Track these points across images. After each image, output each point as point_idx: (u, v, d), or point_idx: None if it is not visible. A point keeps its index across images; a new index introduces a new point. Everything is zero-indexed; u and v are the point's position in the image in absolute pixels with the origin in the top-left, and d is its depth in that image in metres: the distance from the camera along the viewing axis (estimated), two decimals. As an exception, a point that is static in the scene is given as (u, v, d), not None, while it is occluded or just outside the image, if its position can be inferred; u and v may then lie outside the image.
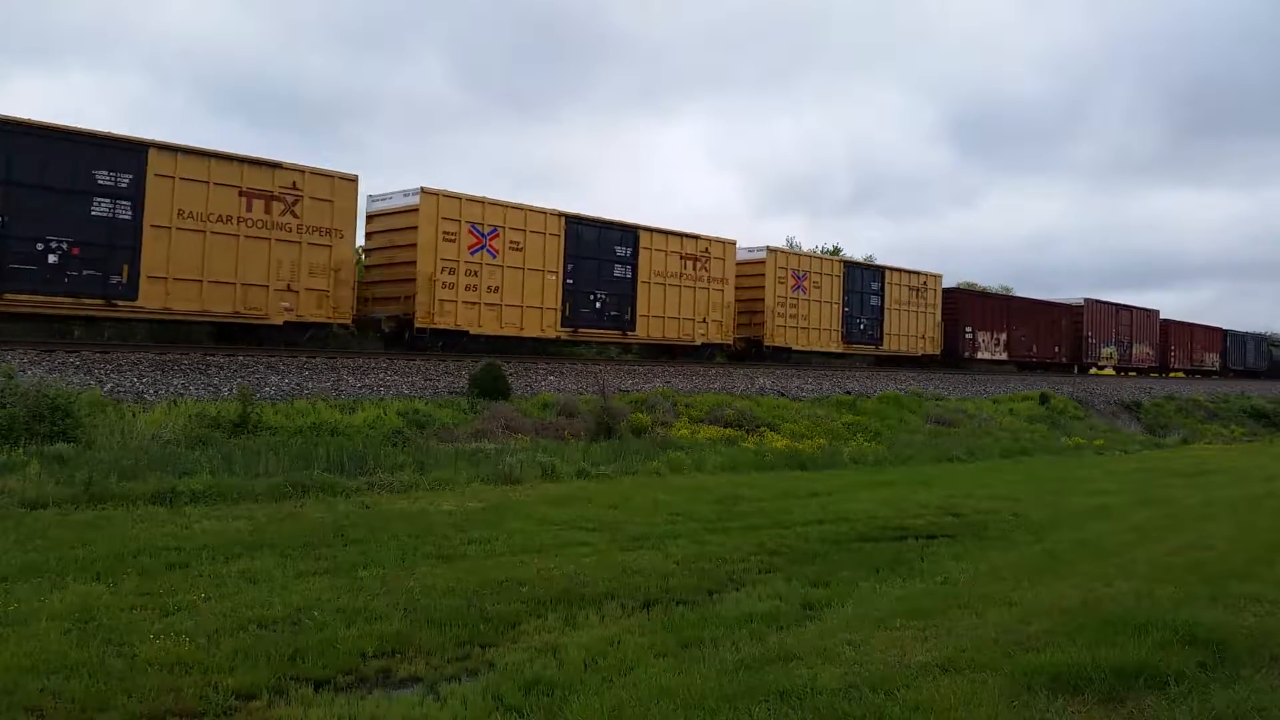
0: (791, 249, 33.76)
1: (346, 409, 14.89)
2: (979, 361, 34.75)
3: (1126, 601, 6.55)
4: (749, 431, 18.68)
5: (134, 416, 12.91)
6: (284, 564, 7.19)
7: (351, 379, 17.01)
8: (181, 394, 14.45)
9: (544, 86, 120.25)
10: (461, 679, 5.01)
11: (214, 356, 16.28)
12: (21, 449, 10.80)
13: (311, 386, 16.16)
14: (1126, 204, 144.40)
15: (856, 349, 29.82)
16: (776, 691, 4.64)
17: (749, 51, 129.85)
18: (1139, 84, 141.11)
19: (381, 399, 16.22)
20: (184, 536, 8.00)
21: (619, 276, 22.93)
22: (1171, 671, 4.97)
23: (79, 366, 14.41)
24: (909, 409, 24.24)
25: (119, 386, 14.22)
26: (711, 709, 4.42)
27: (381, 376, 17.53)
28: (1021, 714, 4.47)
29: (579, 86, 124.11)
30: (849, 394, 24.80)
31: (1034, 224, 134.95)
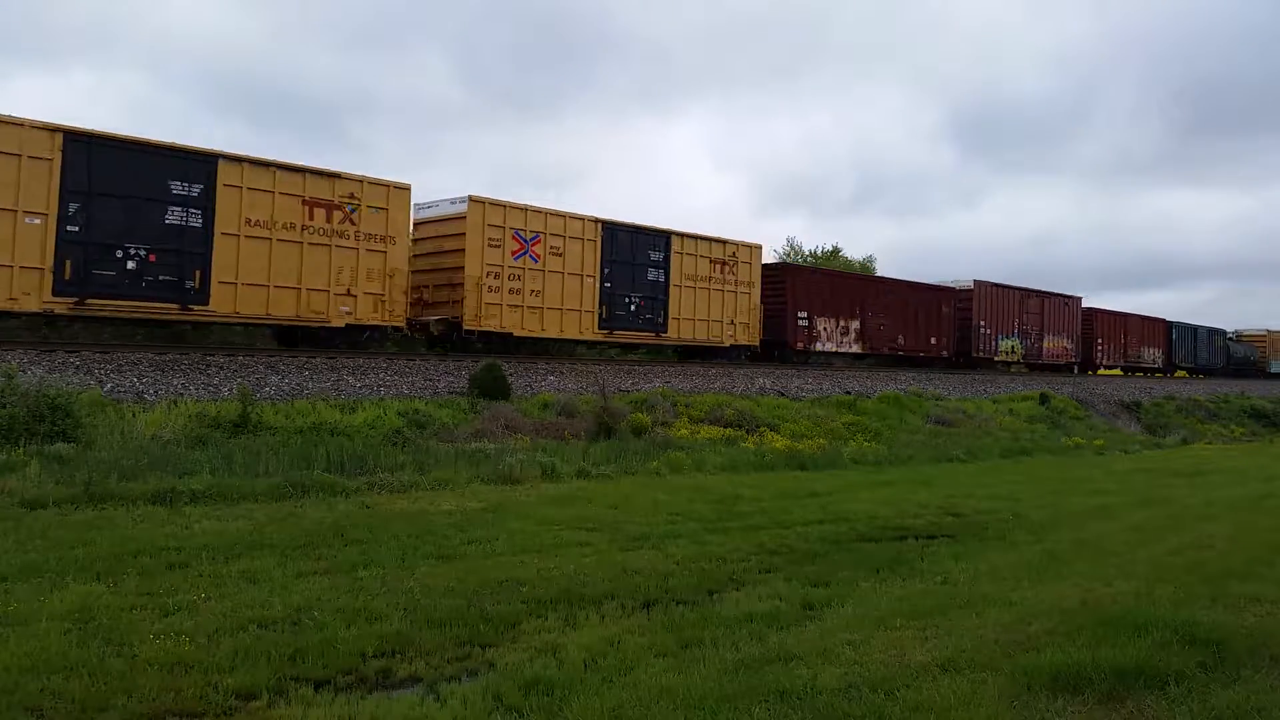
0: (517, 205, 20.94)
1: (346, 409, 14.89)
2: (817, 354, 28.84)
3: (1126, 601, 6.55)
4: (749, 431, 18.69)
5: (134, 416, 12.92)
6: (284, 564, 7.20)
7: (351, 379, 17.02)
8: (181, 394, 14.46)
9: (545, 85, 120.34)
10: (461, 679, 5.02)
11: (214, 356, 16.30)
12: (22, 449, 10.80)
13: (311, 386, 16.16)
14: (1129, 204, 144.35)
15: (623, 336, 23.26)
16: (776, 691, 4.64)
17: (751, 50, 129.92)
18: (1142, 83, 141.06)
19: (381, 399, 16.22)
20: (184, 536, 8.00)
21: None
22: (1171, 671, 4.97)
23: (79, 366, 14.41)
24: (909, 409, 24.27)
25: (119, 386, 14.23)
26: (711, 709, 4.42)
27: (381, 376, 17.53)
28: (1021, 714, 4.47)
29: (581, 85, 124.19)
30: (849, 394, 24.83)
31: (1036, 224, 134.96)
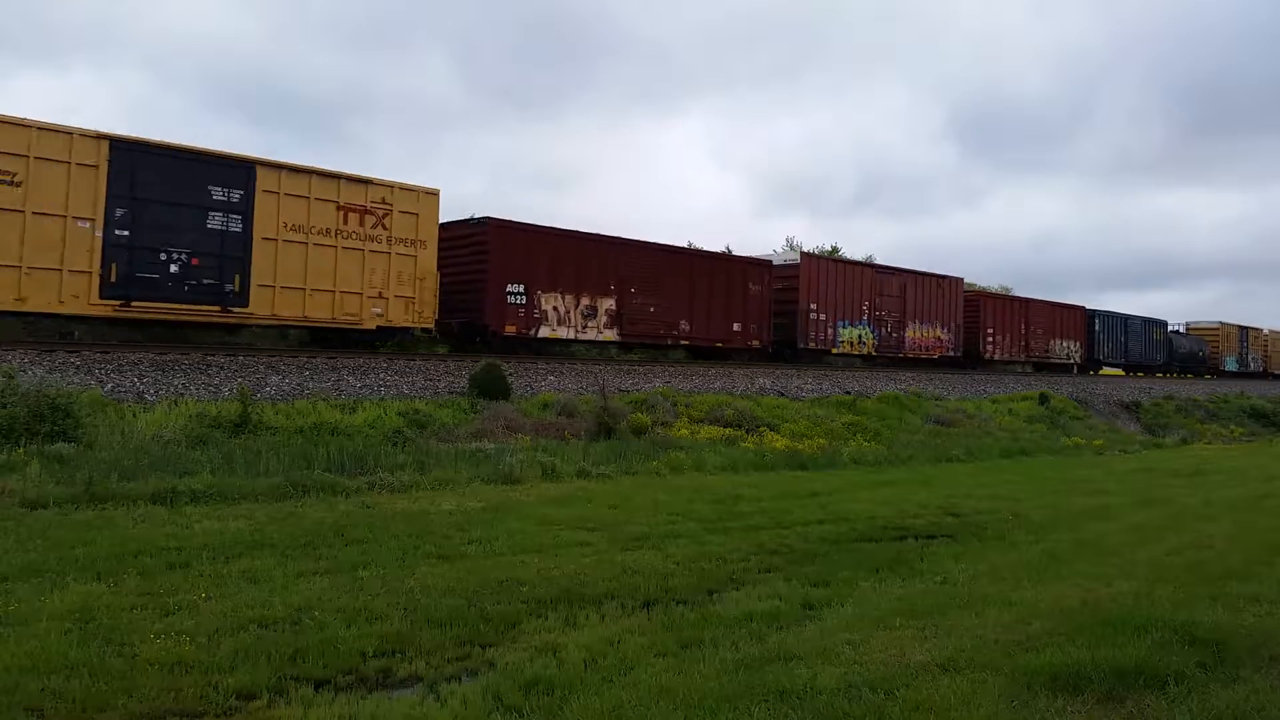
0: None
1: (347, 409, 14.90)
2: (540, 342, 21.47)
3: (1126, 602, 6.54)
4: (749, 431, 18.69)
5: (134, 416, 12.93)
6: (284, 564, 7.20)
7: (352, 379, 17.02)
8: (182, 394, 14.46)
9: (546, 85, 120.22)
10: (461, 679, 5.01)
11: (214, 356, 16.30)
12: (22, 449, 10.80)
13: (312, 386, 16.16)
14: (1130, 204, 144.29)
15: (154, 309, 15.74)
16: (776, 691, 4.63)
17: (753, 50, 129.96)
18: (1143, 83, 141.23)
19: (382, 399, 16.23)
20: (184, 536, 8.00)
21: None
22: (1171, 671, 4.96)
23: (79, 366, 14.41)
24: (909, 409, 24.29)
25: (119, 386, 14.23)
26: (711, 709, 4.42)
27: (382, 376, 17.54)
28: (1021, 714, 4.47)
29: (581, 85, 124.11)
30: (849, 394, 24.85)
31: (1037, 224, 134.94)
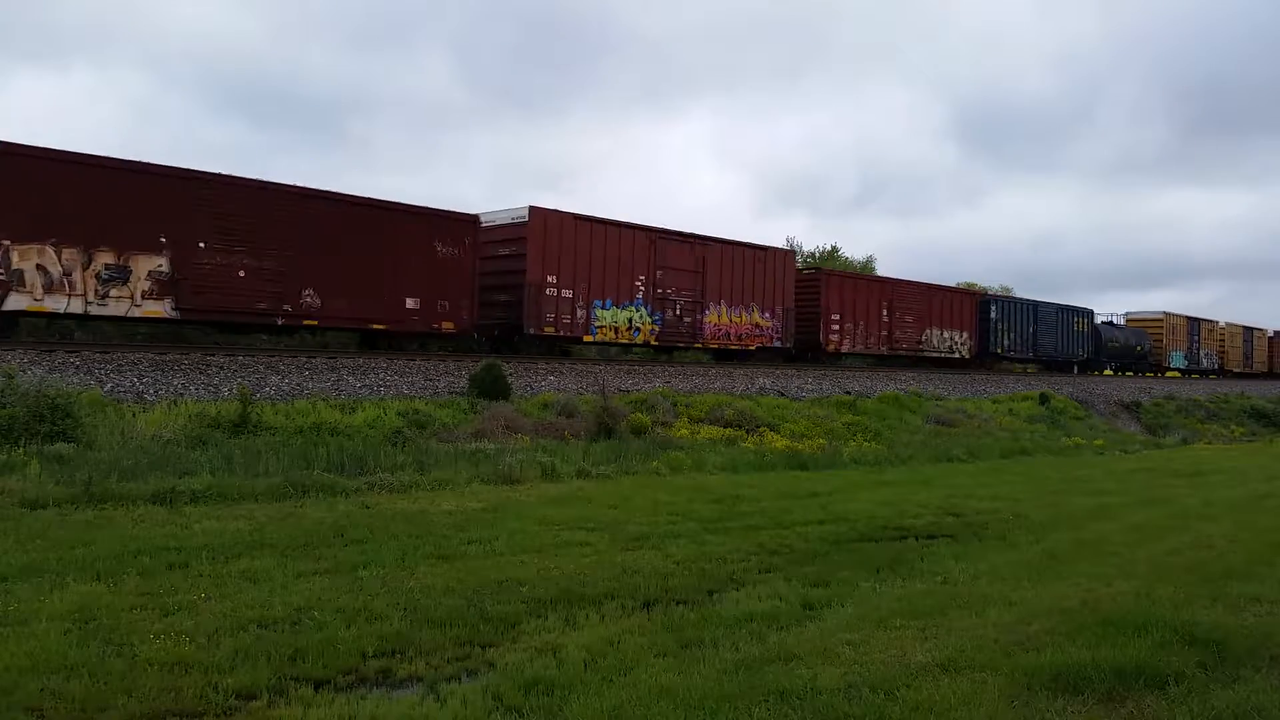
0: None
1: (346, 409, 14.89)
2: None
3: (1126, 602, 6.54)
4: (749, 431, 18.68)
5: (134, 416, 12.92)
6: (284, 564, 7.19)
7: (351, 379, 17.02)
8: (181, 394, 14.46)
9: (547, 85, 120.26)
10: (461, 679, 5.01)
11: (214, 356, 16.29)
12: (22, 449, 10.80)
13: (311, 386, 16.16)
14: (1132, 203, 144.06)
15: None
16: (776, 691, 4.63)
17: (754, 49, 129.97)
18: (1145, 82, 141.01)
19: (382, 399, 16.22)
20: (184, 536, 8.00)
21: None
22: (1171, 671, 4.96)
23: (79, 366, 14.41)
24: (909, 409, 24.27)
25: (119, 386, 14.23)
26: (711, 709, 4.42)
27: (381, 376, 17.53)
28: (1021, 714, 4.47)
29: (582, 85, 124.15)
30: (849, 394, 24.83)
31: (1039, 224, 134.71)
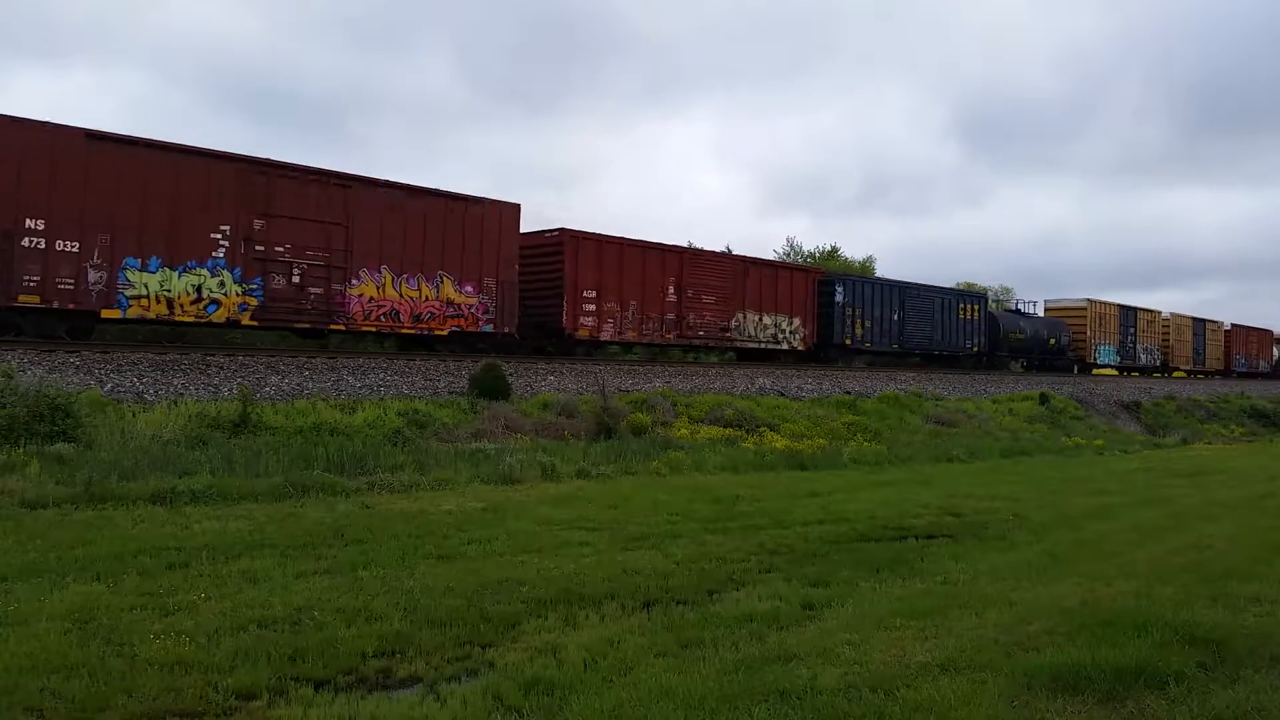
0: None
1: (347, 409, 14.89)
2: None
3: (1126, 601, 6.54)
4: (749, 431, 18.68)
5: (134, 416, 12.91)
6: (284, 564, 7.20)
7: (351, 379, 17.01)
8: (181, 394, 14.46)
9: (549, 84, 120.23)
10: (461, 679, 5.01)
11: (214, 356, 16.29)
12: (22, 449, 10.80)
13: (311, 386, 16.16)
14: (1134, 203, 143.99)
15: None
16: (776, 691, 4.63)
17: (757, 49, 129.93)
18: (1148, 82, 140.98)
19: (382, 399, 16.22)
20: (184, 536, 8.00)
21: None
22: (1171, 671, 4.96)
23: (79, 366, 14.40)
24: (909, 409, 24.27)
25: (119, 386, 14.23)
26: (711, 709, 4.42)
27: (381, 376, 17.53)
28: (1021, 714, 4.46)
29: (584, 84, 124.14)
30: (849, 394, 24.83)
31: (1041, 223, 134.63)
